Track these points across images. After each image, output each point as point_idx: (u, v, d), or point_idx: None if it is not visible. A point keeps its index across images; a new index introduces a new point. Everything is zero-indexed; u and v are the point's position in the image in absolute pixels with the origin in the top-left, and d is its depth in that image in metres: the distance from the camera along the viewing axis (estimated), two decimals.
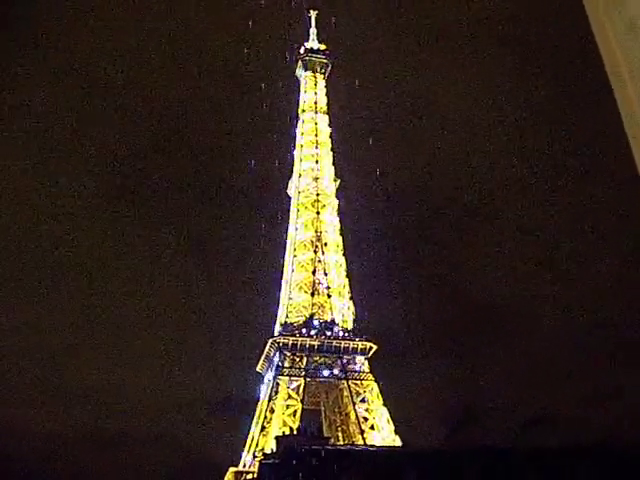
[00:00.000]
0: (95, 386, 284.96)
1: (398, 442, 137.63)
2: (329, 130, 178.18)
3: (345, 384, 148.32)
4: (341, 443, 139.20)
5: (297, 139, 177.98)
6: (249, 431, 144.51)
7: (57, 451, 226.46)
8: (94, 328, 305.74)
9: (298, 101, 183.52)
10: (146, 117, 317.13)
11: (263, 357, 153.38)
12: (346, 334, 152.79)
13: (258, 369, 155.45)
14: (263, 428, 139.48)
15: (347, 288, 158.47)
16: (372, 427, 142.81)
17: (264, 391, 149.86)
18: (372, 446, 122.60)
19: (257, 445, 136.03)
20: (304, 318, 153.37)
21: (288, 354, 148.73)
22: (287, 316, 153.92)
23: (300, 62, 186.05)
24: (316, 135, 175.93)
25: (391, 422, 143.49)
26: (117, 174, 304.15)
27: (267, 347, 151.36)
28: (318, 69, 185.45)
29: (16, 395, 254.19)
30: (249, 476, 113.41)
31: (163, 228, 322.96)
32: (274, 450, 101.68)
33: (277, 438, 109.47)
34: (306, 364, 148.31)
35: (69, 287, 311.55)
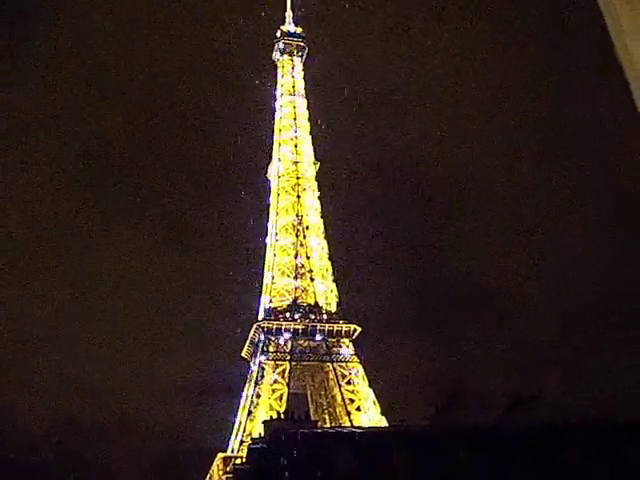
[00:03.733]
0: (79, 376, 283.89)
1: (384, 423, 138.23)
2: (307, 113, 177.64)
3: (330, 367, 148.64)
4: (328, 425, 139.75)
5: (276, 123, 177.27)
6: (236, 416, 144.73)
7: (41, 440, 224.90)
8: (75, 317, 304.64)
9: (276, 85, 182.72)
10: (124, 100, 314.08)
11: (248, 342, 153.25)
12: (330, 317, 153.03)
13: (243, 354, 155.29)
14: (250, 413, 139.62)
15: (330, 271, 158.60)
16: (358, 409, 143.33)
17: (250, 376, 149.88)
18: (359, 427, 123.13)
19: (245, 430, 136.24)
20: (288, 302, 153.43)
21: (273, 338, 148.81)
22: (271, 300, 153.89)
23: (277, 46, 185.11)
24: (295, 119, 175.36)
25: (377, 403, 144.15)
26: (93, 158, 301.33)
27: (252, 332, 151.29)
28: (295, 52, 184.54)
29: None
30: (237, 461, 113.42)
31: (144, 214, 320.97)
32: (262, 434, 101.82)
33: (265, 422, 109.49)
34: (291, 348, 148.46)
35: (51, 277, 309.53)
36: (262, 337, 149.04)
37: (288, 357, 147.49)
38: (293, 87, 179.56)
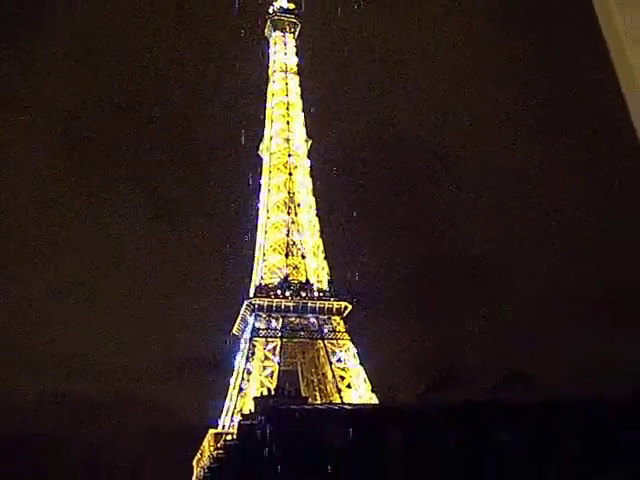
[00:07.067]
0: (71, 352, 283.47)
1: (375, 400, 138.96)
2: (300, 90, 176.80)
3: (321, 344, 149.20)
4: (319, 402, 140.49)
5: (267, 100, 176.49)
6: (227, 393, 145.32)
7: (28, 419, 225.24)
8: (62, 295, 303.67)
9: (268, 62, 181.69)
10: (112, 72, 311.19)
11: (239, 319, 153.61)
12: (321, 294, 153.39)
13: (234, 331, 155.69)
14: (241, 390, 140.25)
15: (321, 248, 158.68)
16: (349, 386, 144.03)
17: (241, 353, 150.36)
18: (350, 404, 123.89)
19: (235, 407, 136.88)
20: (279, 279, 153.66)
21: (264, 315, 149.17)
22: (262, 278, 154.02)
23: (269, 22, 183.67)
24: (287, 96, 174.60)
25: (367, 381, 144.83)
26: (79, 131, 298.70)
27: (242, 309, 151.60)
28: (287, 29, 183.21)
29: None
30: (228, 437, 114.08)
31: (131, 189, 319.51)
32: (252, 411, 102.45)
33: (255, 399, 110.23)
34: (282, 325, 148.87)
35: (38, 255, 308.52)
36: (253, 314, 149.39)
37: (279, 334, 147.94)
38: (285, 64, 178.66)
